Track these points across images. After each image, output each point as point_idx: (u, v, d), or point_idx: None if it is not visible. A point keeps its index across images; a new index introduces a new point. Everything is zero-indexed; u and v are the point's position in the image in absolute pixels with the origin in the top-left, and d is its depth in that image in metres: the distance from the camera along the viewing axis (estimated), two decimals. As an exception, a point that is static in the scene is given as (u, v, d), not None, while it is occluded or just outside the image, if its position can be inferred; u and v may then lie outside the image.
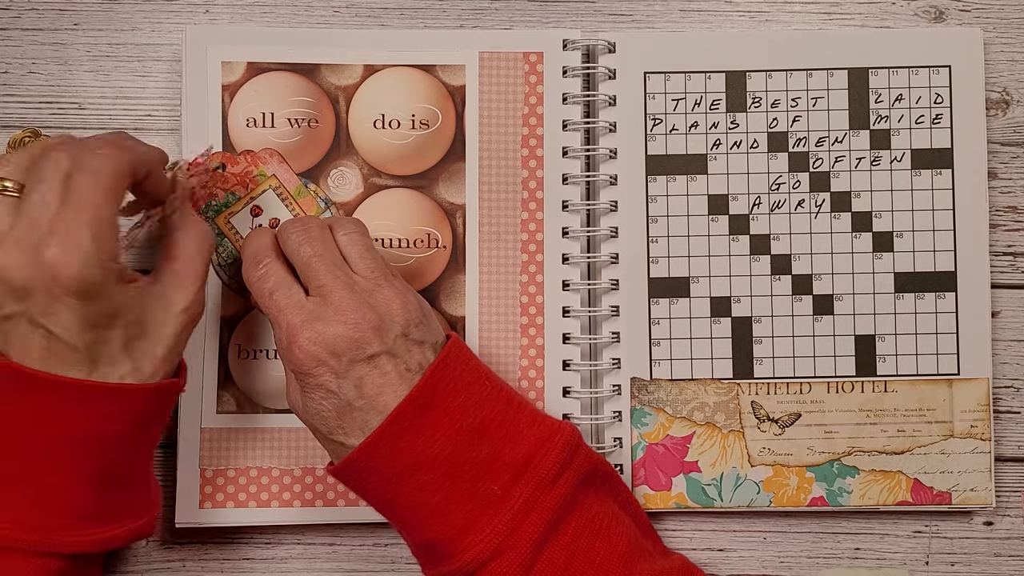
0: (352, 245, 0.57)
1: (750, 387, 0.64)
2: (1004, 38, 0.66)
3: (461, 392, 0.55)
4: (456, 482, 0.54)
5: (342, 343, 0.53)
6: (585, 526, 0.55)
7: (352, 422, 0.54)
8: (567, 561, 0.54)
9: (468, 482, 0.54)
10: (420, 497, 0.54)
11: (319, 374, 0.53)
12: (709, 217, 0.64)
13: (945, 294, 0.64)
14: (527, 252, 0.64)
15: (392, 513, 0.56)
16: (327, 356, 0.53)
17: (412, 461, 0.53)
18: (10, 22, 0.65)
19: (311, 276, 0.55)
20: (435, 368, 0.54)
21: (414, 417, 0.53)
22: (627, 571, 0.55)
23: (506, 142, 0.64)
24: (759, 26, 0.66)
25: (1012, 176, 0.66)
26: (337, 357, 0.53)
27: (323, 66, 0.64)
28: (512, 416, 0.56)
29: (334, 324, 0.53)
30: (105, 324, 0.51)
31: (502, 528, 0.53)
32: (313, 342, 0.53)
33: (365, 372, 0.53)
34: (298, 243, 0.56)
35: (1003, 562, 0.65)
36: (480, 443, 0.54)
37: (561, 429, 0.56)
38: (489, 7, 0.66)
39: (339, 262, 0.56)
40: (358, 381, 0.53)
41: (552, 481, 0.54)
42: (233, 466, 0.62)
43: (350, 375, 0.53)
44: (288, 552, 0.64)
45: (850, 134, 0.64)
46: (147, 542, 0.64)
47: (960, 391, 0.64)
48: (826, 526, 0.65)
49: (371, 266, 0.56)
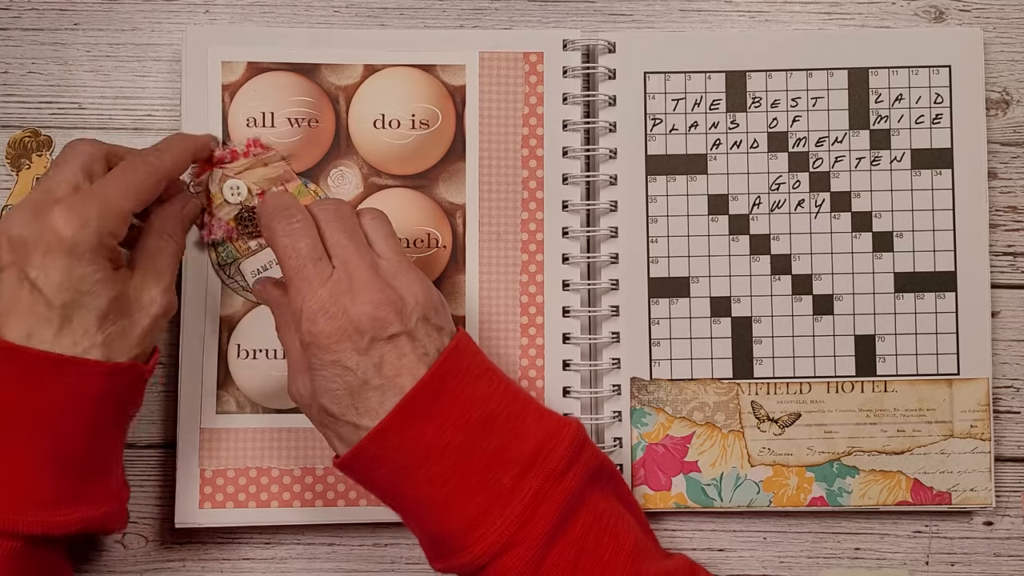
0: (375, 230, 0.58)
1: (750, 387, 0.64)
2: (1004, 38, 0.66)
3: (470, 383, 0.55)
4: (466, 474, 0.53)
5: (365, 321, 0.53)
6: (593, 522, 0.55)
7: (366, 402, 0.53)
8: (576, 556, 0.54)
9: (477, 474, 0.54)
10: (429, 489, 0.54)
11: (339, 350, 0.53)
12: (709, 217, 0.64)
13: (945, 294, 0.64)
14: (527, 252, 0.64)
15: (401, 505, 0.56)
16: (352, 331, 0.53)
17: (422, 451, 0.53)
18: (10, 22, 0.65)
19: (339, 253, 0.55)
20: (446, 357, 0.54)
21: (426, 403, 0.53)
22: (634, 569, 0.54)
23: (506, 142, 0.64)
24: (759, 26, 0.66)
25: (1012, 176, 0.66)
26: (361, 334, 0.53)
27: (323, 66, 0.64)
28: (519, 410, 0.56)
29: (360, 302, 0.53)
30: (89, 290, 0.53)
31: (513, 520, 0.53)
32: (338, 317, 0.53)
33: (386, 351, 0.53)
34: (328, 220, 0.56)
35: (1003, 562, 0.65)
36: (489, 435, 0.54)
37: (568, 424, 0.56)
38: (489, 7, 0.66)
39: (365, 244, 0.56)
40: (379, 360, 0.53)
41: (561, 475, 0.54)
42: (233, 466, 0.62)
43: (371, 353, 0.53)
44: (288, 552, 0.64)
45: (850, 134, 0.64)
46: (147, 542, 0.64)
47: (960, 391, 0.64)
48: (826, 526, 0.65)
49: (394, 249, 0.57)
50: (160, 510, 0.64)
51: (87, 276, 0.53)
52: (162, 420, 0.64)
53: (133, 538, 0.64)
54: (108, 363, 0.54)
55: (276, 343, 0.62)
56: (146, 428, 0.64)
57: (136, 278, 0.56)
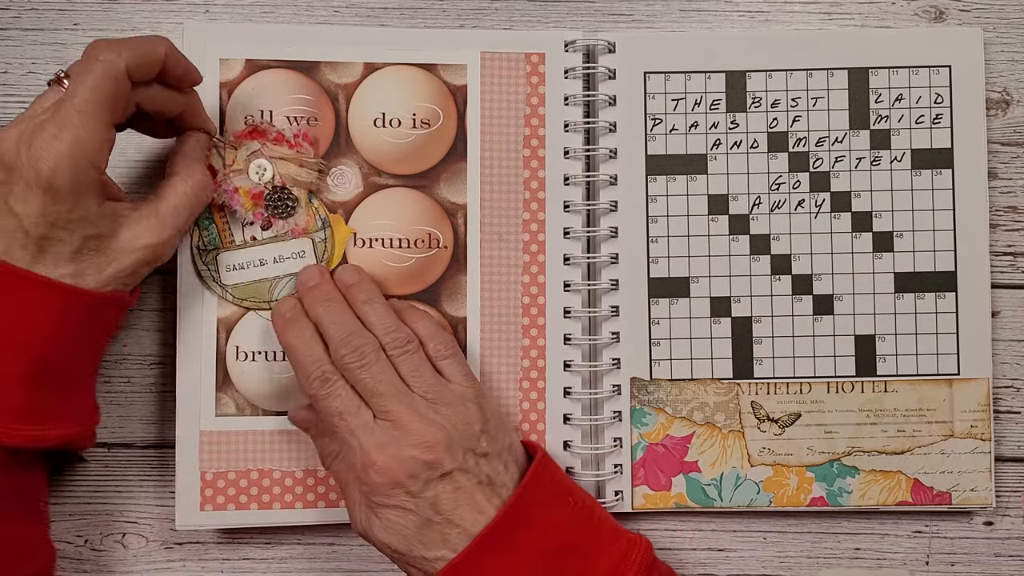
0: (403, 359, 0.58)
1: (750, 387, 0.64)
2: (1004, 38, 0.66)
3: (547, 512, 0.56)
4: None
5: (416, 465, 0.55)
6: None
7: (433, 536, 0.55)
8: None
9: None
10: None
11: (395, 495, 0.55)
12: (709, 217, 0.64)
13: (945, 294, 0.64)
14: (529, 253, 0.64)
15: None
16: (404, 479, 0.55)
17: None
18: (10, 22, 0.65)
19: (376, 403, 0.56)
20: (524, 487, 0.56)
21: (502, 536, 0.55)
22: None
23: (508, 142, 0.64)
24: (759, 26, 0.66)
25: (1012, 176, 0.66)
26: (414, 479, 0.55)
27: (323, 64, 0.63)
28: (592, 532, 0.57)
29: (407, 448, 0.55)
30: (63, 226, 0.53)
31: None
32: (390, 466, 0.55)
33: (440, 489, 0.55)
34: (356, 369, 0.57)
35: (1003, 562, 0.65)
36: (564, 562, 0.55)
37: (637, 545, 0.57)
38: (489, 7, 0.66)
39: (398, 383, 0.57)
40: (434, 499, 0.55)
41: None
42: (234, 468, 0.62)
43: (426, 494, 0.55)
44: (288, 552, 0.64)
45: (850, 134, 0.64)
46: (147, 542, 0.64)
47: (960, 391, 0.64)
48: (826, 526, 0.65)
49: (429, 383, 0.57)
50: (160, 510, 0.64)
51: (62, 214, 0.53)
52: (161, 421, 0.64)
53: (133, 538, 0.64)
54: (83, 290, 0.54)
55: (275, 345, 0.62)
56: (145, 428, 0.64)
57: (132, 218, 0.56)
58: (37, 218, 0.52)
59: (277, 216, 0.62)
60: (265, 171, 0.62)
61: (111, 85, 0.53)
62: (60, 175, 0.52)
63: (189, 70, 0.57)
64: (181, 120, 0.59)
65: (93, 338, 0.57)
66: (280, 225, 0.62)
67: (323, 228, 0.63)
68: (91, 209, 0.54)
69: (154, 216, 0.56)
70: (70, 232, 0.53)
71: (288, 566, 0.64)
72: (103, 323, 0.57)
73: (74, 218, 0.53)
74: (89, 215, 0.54)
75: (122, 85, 0.53)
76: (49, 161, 0.51)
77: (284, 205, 0.62)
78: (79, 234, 0.54)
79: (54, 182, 0.52)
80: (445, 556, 0.54)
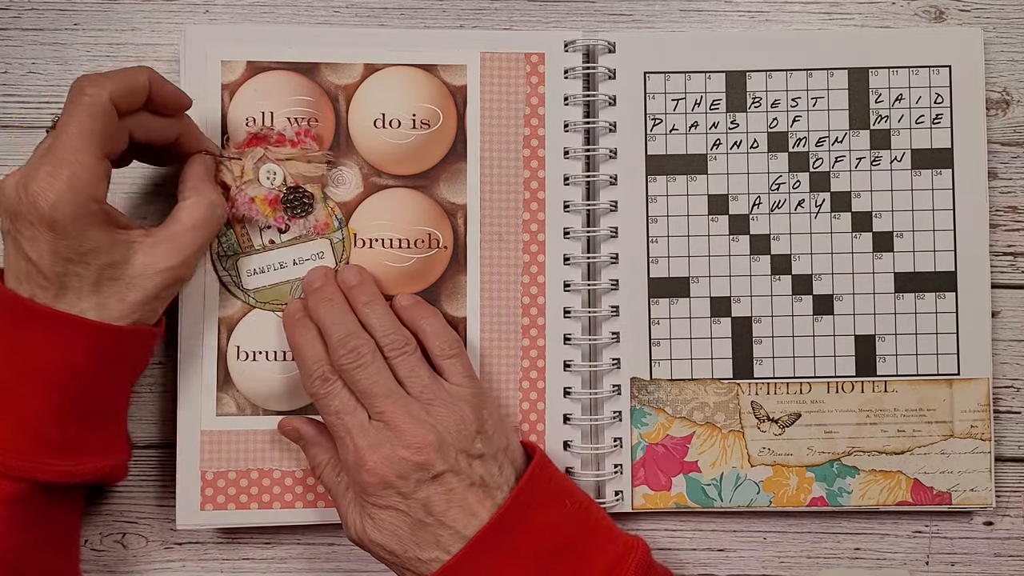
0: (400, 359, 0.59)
1: (750, 387, 0.64)
2: (1004, 38, 0.66)
3: (544, 513, 0.56)
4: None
5: (407, 466, 0.55)
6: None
7: (426, 537, 0.55)
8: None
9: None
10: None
11: (387, 495, 0.55)
12: (709, 217, 0.64)
13: (945, 294, 0.64)
14: (529, 253, 0.64)
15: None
16: (395, 479, 0.55)
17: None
18: (10, 22, 0.65)
19: (370, 403, 0.57)
20: (520, 490, 0.56)
21: (498, 538, 0.55)
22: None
23: (508, 142, 0.64)
24: (759, 26, 0.66)
25: (1012, 176, 0.66)
26: (404, 479, 0.55)
27: (323, 65, 0.63)
28: (589, 532, 0.57)
29: (399, 448, 0.55)
30: (77, 260, 0.54)
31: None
32: (380, 466, 0.55)
33: (431, 491, 0.55)
34: (352, 370, 0.57)
35: (1003, 562, 0.65)
36: (561, 563, 0.55)
37: (634, 547, 0.57)
38: (489, 7, 0.66)
39: (393, 385, 0.57)
40: (426, 500, 0.55)
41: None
42: (234, 468, 0.62)
43: (417, 495, 0.55)
44: (288, 552, 0.64)
45: (850, 134, 0.64)
46: (147, 542, 0.64)
47: (960, 391, 0.64)
48: (826, 526, 0.65)
49: (424, 384, 0.58)
50: (160, 510, 0.64)
51: (73, 248, 0.53)
52: (161, 420, 0.64)
53: (133, 538, 0.64)
54: (109, 325, 0.55)
55: (275, 344, 0.62)
56: (145, 428, 0.64)
57: (147, 244, 0.56)
58: (51, 257, 0.53)
59: (297, 216, 0.62)
60: (275, 175, 0.62)
61: (99, 118, 0.53)
62: (61, 210, 0.52)
63: (177, 95, 0.58)
64: (179, 146, 0.59)
65: (121, 372, 0.58)
66: (300, 224, 0.62)
67: (340, 228, 0.63)
68: (100, 240, 0.54)
69: (170, 240, 0.57)
70: (85, 265, 0.54)
71: (288, 566, 0.64)
72: (131, 356, 0.57)
73: (85, 251, 0.54)
74: (100, 246, 0.54)
75: (109, 117, 0.54)
76: (48, 198, 0.52)
77: (302, 203, 0.62)
78: (94, 265, 0.54)
79: (56, 217, 0.52)
80: (439, 558, 0.54)
